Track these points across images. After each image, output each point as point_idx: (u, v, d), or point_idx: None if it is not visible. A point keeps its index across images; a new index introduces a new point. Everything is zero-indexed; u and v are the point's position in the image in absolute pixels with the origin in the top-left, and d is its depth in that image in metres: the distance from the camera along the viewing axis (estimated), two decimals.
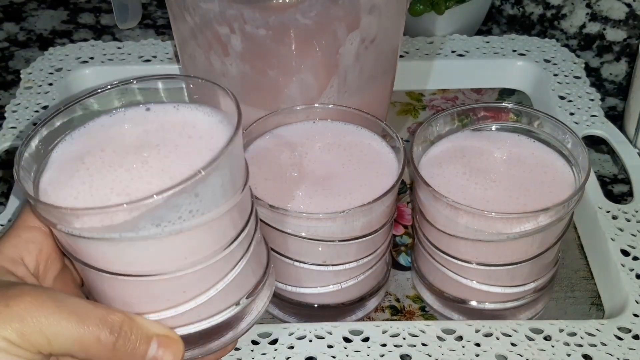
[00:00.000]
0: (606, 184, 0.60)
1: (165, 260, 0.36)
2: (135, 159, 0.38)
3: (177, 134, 0.39)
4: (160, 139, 0.39)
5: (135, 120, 0.40)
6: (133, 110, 0.41)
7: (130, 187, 0.36)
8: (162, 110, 0.41)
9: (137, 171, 0.37)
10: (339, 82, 0.51)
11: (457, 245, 0.46)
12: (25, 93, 0.64)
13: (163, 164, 0.38)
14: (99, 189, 0.36)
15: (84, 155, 0.38)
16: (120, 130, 0.40)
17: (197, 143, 0.39)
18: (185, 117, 0.40)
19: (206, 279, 0.38)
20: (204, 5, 0.48)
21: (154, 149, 0.38)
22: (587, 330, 0.46)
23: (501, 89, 0.69)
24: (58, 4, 0.82)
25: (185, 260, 0.37)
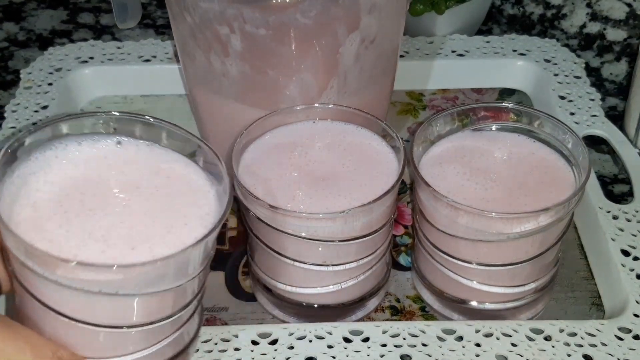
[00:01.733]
0: (606, 184, 0.60)
1: (118, 316, 0.36)
2: (116, 202, 0.37)
3: (154, 173, 0.39)
4: (139, 180, 0.38)
5: (110, 157, 0.40)
6: (103, 142, 0.40)
7: (110, 233, 0.36)
8: (135, 146, 0.40)
9: (119, 215, 0.37)
10: (339, 82, 0.51)
11: (457, 246, 0.46)
12: (24, 93, 0.64)
13: (145, 207, 0.37)
14: (76, 234, 0.36)
15: (62, 198, 0.37)
16: (97, 170, 0.39)
17: (175, 183, 0.38)
18: (160, 156, 0.40)
19: (152, 336, 0.38)
20: (204, 4, 0.48)
21: (135, 191, 0.38)
22: (587, 331, 0.46)
23: (501, 89, 0.69)
24: (58, 4, 0.82)
25: (136, 319, 0.36)
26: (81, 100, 0.67)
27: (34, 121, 0.61)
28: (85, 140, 0.40)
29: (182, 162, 0.40)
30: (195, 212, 0.37)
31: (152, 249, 0.35)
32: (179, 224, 0.37)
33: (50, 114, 0.62)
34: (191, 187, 0.39)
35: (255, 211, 0.44)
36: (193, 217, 0.37)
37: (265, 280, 0.48)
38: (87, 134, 0.40)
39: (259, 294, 0.50)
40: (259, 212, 0.44)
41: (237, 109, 0.52)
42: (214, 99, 0.53)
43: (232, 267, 0.53)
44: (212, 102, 0.54)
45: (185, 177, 0.39)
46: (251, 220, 0.46)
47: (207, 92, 0.54)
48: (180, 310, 0.38)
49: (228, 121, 0.53)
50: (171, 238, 0.36)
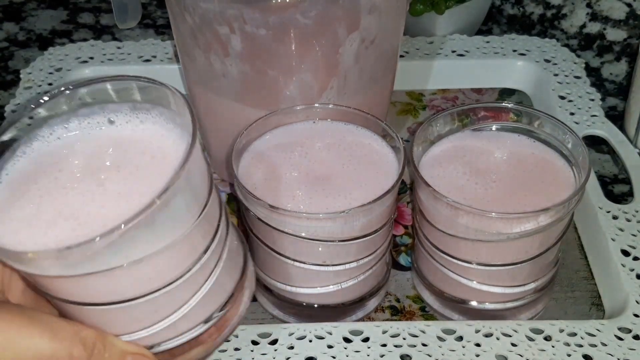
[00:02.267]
0: (606, 184, 0.60)
1: (129, 287, 0.34)
2: (92, 180, 0.36)
3: (139, 152, 0.37)
4: (121, 159, 0.37)
5: (96, 135, 0.38)
6: (94, 120, 0.38)
7: (80, 211, 0.34)
8: (126, 124, 0.38)
9: (91, 194, 0.35)
10: (339, 82, 0.51)
11: (457, 245, 0.46)
12: (25, 93, 0.64)
13: (120, 187, 0.35)
14: (47, 212, 0.34)
15: (39, 174, 0.36)
16: (81, 147, 0.37)
17: (160, 163, 0.36)
18: (149, 135, 0.38)
19: (178, 296, 0.36)
20: (204, 5, 0.48)
21: (113, 170, 0.36)
22: (587, 331, 0.46)
23: (501, 89, 0.69)
24: (58, 4, 0.82)
25: (152, 284, 0.35)
26: None
27: None
28: (71, 121, 0.38)
29: (171, 139, 0.37)
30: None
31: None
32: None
33: None
34: (173, 167, 0.36)
35: (255, 211, 0.44)
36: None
37: (265, 280, 0.48)
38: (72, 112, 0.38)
39: (259, 294, 0.50)
40: (259, 212, 0.44)
41: (237, 109, 0.52)
42: (213, 99, 0.53)
43: None
44: (212, 102, 0.54)
45: (168, 157, 0.37)
46: (251, 220, 0.46)
47: (207, 92, 0.54)
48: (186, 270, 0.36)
49: (228, 121, 0.53)
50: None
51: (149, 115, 0.38)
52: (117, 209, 0.34)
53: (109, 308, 0.35)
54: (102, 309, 0.35)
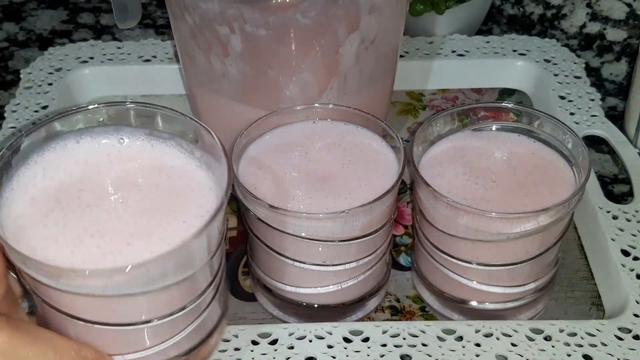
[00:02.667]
0: (606, 184, 0.60)
1: (136, 313, 0.36)
2: (114, 199, 0.37)
3: (156, 172, 0.39)
4: (139, 177, 0.38)
5: (111, 155, 0.39)
6: (105, 140, 0.40)
7: (105, 229, 0.36)
8: (137, 144, 0.40)
9: (115, 211, 0.37)
10: (339, 82, 0.51)
11: (457, 246, 0.46)
12: (25, 93, 0.64)
13: (142, 204, 0.37)
14: (72, 230, 0.35)
15: (60, 193, 0.37)
16: (97, 167, 0.39)
17: (176, 183, 0.38)
18: (162, 155, 0.40)
19: (174, 327, 0.38)
20: (204, 5, 0.48)
21: (134, 188, 0.38)
22: (587, 331, 0.46)
23: (501, 89, 0.69)
24: (58, 4, 0.82)
25: (158, 312, 0.36)
26: (81, 100, 0.67)
27: (34, 121, 0.61)
28: (84, 137, 0.40)
29: (183, 159, 0.40)
30: (194, 210, 0.37)
31: (147, 245, 0.35)
32: (177, 221, 0.37)
33: (51, 114, 0.62)
34: (191, 186, 0.39)
35: (255, 211, 0.44)
36: (191, 216, 0.37)
37: (265, 280, 0.48)
38: (85, 130, 0.40)
39: (259, 294, 0.50)
40: (259, 212, 0.44)
41: (237, 109, 0.52)
42: (214, 99, 0.53)
43: (232, 267, 0.53)
44: (212, 102, 0.54)
45: (185, 176, 0.39)
46: (251, 220, 0.46)
47: (207, 92, 0.54)
48: (193, 300, 0.37)
49: (228, 121, 0.53)
50: (168, 234, 0.36)
51: (164, 143, 0.40)
52: (140, 226, 0.36)
53: (113, 329, 0.36)
54: (105, 329, 0.36)
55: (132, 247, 0.35)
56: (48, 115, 0.61)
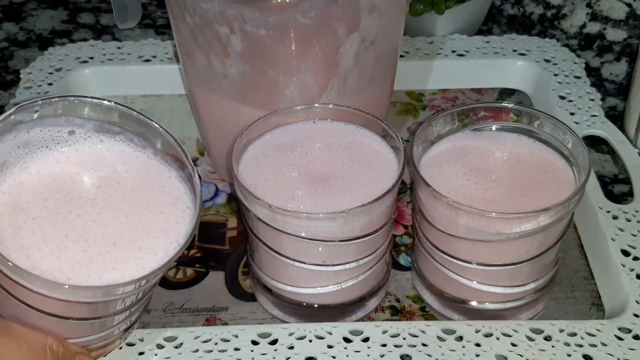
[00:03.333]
0: (606, 184, 0.60)
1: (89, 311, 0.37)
2: (82, 203, 0.37)
3: (112, 171, 0.39)
4: (98, 179, 0.38)
5: (60, 157, 0.39)
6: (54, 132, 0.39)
7: (87, 233, 0.36)
8: (85, 141, 0.40)
9: (89, 215, 0.37)
10: (339, 82, 0.51)
11: (457, 245, 0.46)
12: (24, 93, 0.64)
13: (113, 204, 0.37)
14: (52, 238, 0.36)
15: (25, 205, 0.37)
16: (50, 170, 0.39)
17: (135, 177, 0.38)
18: (112, 152, 0.39)
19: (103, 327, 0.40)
20: (204, 5, 0.48)
21: (97, 190, 0.38)
22: (587, 331, 0.46)
23: (501, 89, 0.69)
24: (58, 4, 0.82)
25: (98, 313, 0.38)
26: None
27: None
28: (34, 129, 0.39)
29: (137, 154, 0.39)
30: (166, 198, 0.38)
31: (134, 241, 0.36)
32: (154, 212, 0.37)
33: None
34: (151, 176, 0.38)
35: (255, 211, 0.44)
36: (165, 205, 0.37)
37: (265, 280, 0.48)
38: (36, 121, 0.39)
39: (259, 294, 0.50)
40: (259, 212, 0.44)
41: (237, 109, 0.52)
42: (214, 99, 0.53)
43: (232, 267, 0.53)
44: (212, 102, 0.54)
45: (142, 169, 0.39)
46: (251, 220, 0.46)
47: (207, 92, 0.54)
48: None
49: (228, 121, 0.53)
50: (151, 228, 0.36)
51: (113, 137, 0.40)
52: (120, 225, 0.36)
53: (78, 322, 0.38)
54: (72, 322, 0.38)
55: (119, 246, 0.35)
56: None
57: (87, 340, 0.40)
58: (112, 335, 0.41)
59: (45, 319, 0.37)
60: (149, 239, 0.36)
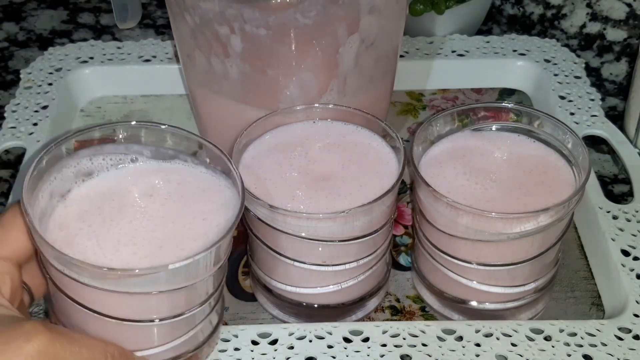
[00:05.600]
0: (606, 184, 0.60)
1: (151, 310, 0.39)
2: (134, 210, 0.41)
3: (165, 181, 0.42)
4: (152, 189, 0.42)
5: (122, 171, 0.43)
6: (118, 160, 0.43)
7: (136, 237, 0.39)
8: (146, 160, 0.43)
9: (139, 221, 0.40)
10: (339, 83, 0.51)
11: (457, 245, 0.46)
12: (24, 93, 0.64)
13: (162, 211, 0.41)
14: (106, 242, 0.39)
15: (82, 214, 0.40)
16: (110, 185, 0.42)
17: (187, 188, 0.42)
18: (169, 169, 0.43)
19: (180, 328, 0.41)
20: (204, 5, 0.48)
21: (149, 199, 0.41)
22: (587, 331, 0.46)
23: (501, 89, 0.69)
24: (58, 4, 0.82)
25: (175, 310, 0.40)
26: (81, 101, 0.67)
27: (34, 121, 0.61)
28: (96, 156, 0.43)
29: (187, 168, 0.43)
30: (211, 206, 0.41)
31: (178, 245, 0.38)
32: (198, 219, 0.40)
33: (51, 114, 0.62)
34: (201, 187, 0.42)
35: (255, 211, 0.44)
36: (209, 212, 0.40)
37: (265, 280, 0.48)
38: (98, 148, 0.43)
39: (259, 294, 0.50)
40: (259, 212, 0.44)
41: (237, 109, 0.52)
42: (214, 99, 0.53)
43: (232, 267, 0.53)
44: (212, 102, 0.54)
45: (194, 180, 0.42)
46: (251, 220, 0.46)
47: (207, 92, 0.54)
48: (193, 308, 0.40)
49: (228, 121, 0.53)
50: (194, 233, 0.39)
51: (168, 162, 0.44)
52: (165, 230, 0.40)
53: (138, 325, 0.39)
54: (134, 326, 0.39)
55: (164, 250, 0.38)
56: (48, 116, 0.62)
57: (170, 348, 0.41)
58: (195, 342, 0.42)
59: (114, 327, 0.39)
60: (191, 241, 0.39)
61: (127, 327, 0.39)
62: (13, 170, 0.62)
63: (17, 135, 0.60)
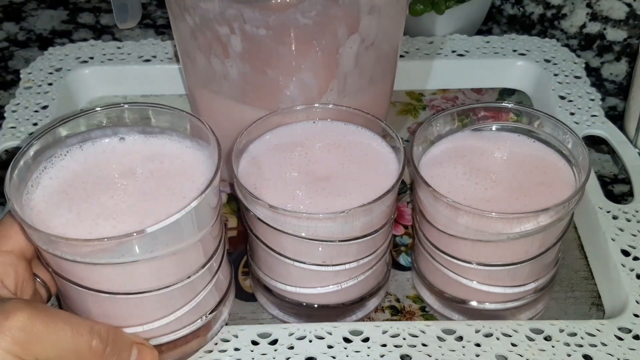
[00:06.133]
0: (606, 184, 0.60)
1: (141, 281, 0.40)
2: (116, 187, 0.42)
3: (148, 160, 0.43)
4: (135, 167, 0.43)
5: (107, 151, 0.44)
6: (106, 142, 0.44)
7: (116, 212, 0.40)
8: (133, 140, 0.44)
9: (120, 197, 0.41)
10: (339, 83, 0.51)
11: (457, 246, 0.46)
12: (24, 93, 0.64)
13: (143, 188, 0.41)
14: (86, 217, 0.40)
15: (66, 187, 0.41)
16: (96, 163, 0.43)
17: (169, 167, 0.43)
18: (154, 146, 0.44)
19: (188, 292, 0.42)
20: (204, 5, 0.48)
21: (132, 176, 0.42)
22: (587, 331, 0.46)
23: (501, 89, 0.69)
24: (58, 4, 0.82)
25: (170, 278, 0.40)
26: (81, 100, 0.67)
27: (34, 121, 0.61)
28: (86, 142, 0.44)
29: (173, 144, 0.44)
30: (190, 185, 0.41)
31: (157, 221, 0.38)
32: (177, 197, 0.41)
33: (50, 114, 0.62)
34: (184, 166, 0.43)
35: (255, 211, 0.44)
36: (189, 190, 0.41)
37: (265, 280, 0.48)
38: (86, 133, 0.44)
39: (259, 294, 0.50)
40: (259, 212, 0.44)
41: (237, 109, 0.52)
42: (214, 99, 0.53)
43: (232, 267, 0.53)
44: (212, 102, 0.54)
45: (177, 159, 0.43)
46: (251, 220, 0.46)
47: (207, 92, 0.54)
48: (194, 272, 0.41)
49: (228, 121, 0.53)
50: (173, 210, 0.39)
51: (155, 137, 0.45)
52: (146, 206, 0.40)
53: (119, 298, 0.40)
54: (112, 299, 0.40)
55: (144, 225, 0.38)
56: (48, 116, 0.62)
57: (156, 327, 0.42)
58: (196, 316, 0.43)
59: (107, 302, 0.40)
60: (170, 218, 0.39)
61: (120, 301, 0.40)
62: None
63: (17, 135, 0.60)
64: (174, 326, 0.43)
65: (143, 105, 0.44)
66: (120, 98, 0.67)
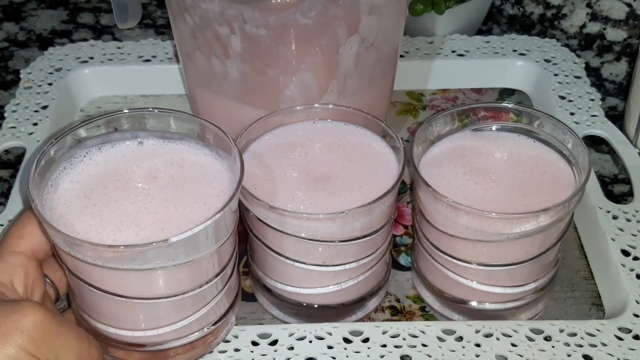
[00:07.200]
0: (606, 184, 0.60)
1: (157, 287, 0.40)
2: (137, 192, 0.42)
3: (168, 165, 0.44)
4: (156, 172, 0.43)
5: (127, 155, 0.44)
6: (125, 145, 0.45)
7: (138, 219, 0.40)
8: (152, 144, 0.45)
9: (142, 203, 0.41)
10: (339, 83, 0.51)
11: (457, 246, 0.46)
12: (24, 93, 0.64)
13: (164, 194, 0.42)
14: (109, 222, 0.40)
15: (88, 192, 0.42)
16: (116, 167, 0.43)
17: (189, 171, 0.43)
18: (173, 151, 0.44)
19: (192, 305, 0.42)
20: (204, 5, 0.48)
21: (152, 181, 0.42)
22: (587, 331, 0.46)
23: (501, 89, 0.69)
24: (58, 4, 0.82)
25: (176, 288, 0.41)
26: (81, 101, 0.67)
27: (34, 121, 0.61)
28: (105, 144, 0.44)
29: (192, 150, 0.44)
30: (210, 192, 0.42)
31: (179, 228, 0.39)
32: (198, 204, 0.41)
33: (50, 114, 0.62)
34: (203, 172, 0.43)
35: (255, 211, 0.44)
36: (209, 197, 0.42)
37: (265, 280, 0.48)
38: (105, 136, 0.44)
39: (259, 294, 0.50)
40: (259, 212, 0.44)
41: (237, 109, 0.52)
42: (214, 99, 0.53)
43: None
44: (212, 102, 0.54)
45: (196, 164, 0.44)
46: (251, 220, 0.46)
47: (207, 92, 0.54)
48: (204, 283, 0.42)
49: (228, 121, 0.53)
50: (194, 217, 0.40)
51: (174, 142, 0.45)
52: (167, 213, 0.41)
53: (148, 302, 0.41)
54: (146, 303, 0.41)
55: (166, 232, 0.39)
56: (48, 116, 0.62)
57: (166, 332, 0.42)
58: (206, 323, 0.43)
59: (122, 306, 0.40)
60: (191, 225, 0.39)
61: (134, 305, 0.41)
62: (13, 170, 0.62)
63: (17, 135, 0.60)
64: (184, 331, 0.43)
65: (165, 111, 0.45)
66: (120, 98, 0.67)
